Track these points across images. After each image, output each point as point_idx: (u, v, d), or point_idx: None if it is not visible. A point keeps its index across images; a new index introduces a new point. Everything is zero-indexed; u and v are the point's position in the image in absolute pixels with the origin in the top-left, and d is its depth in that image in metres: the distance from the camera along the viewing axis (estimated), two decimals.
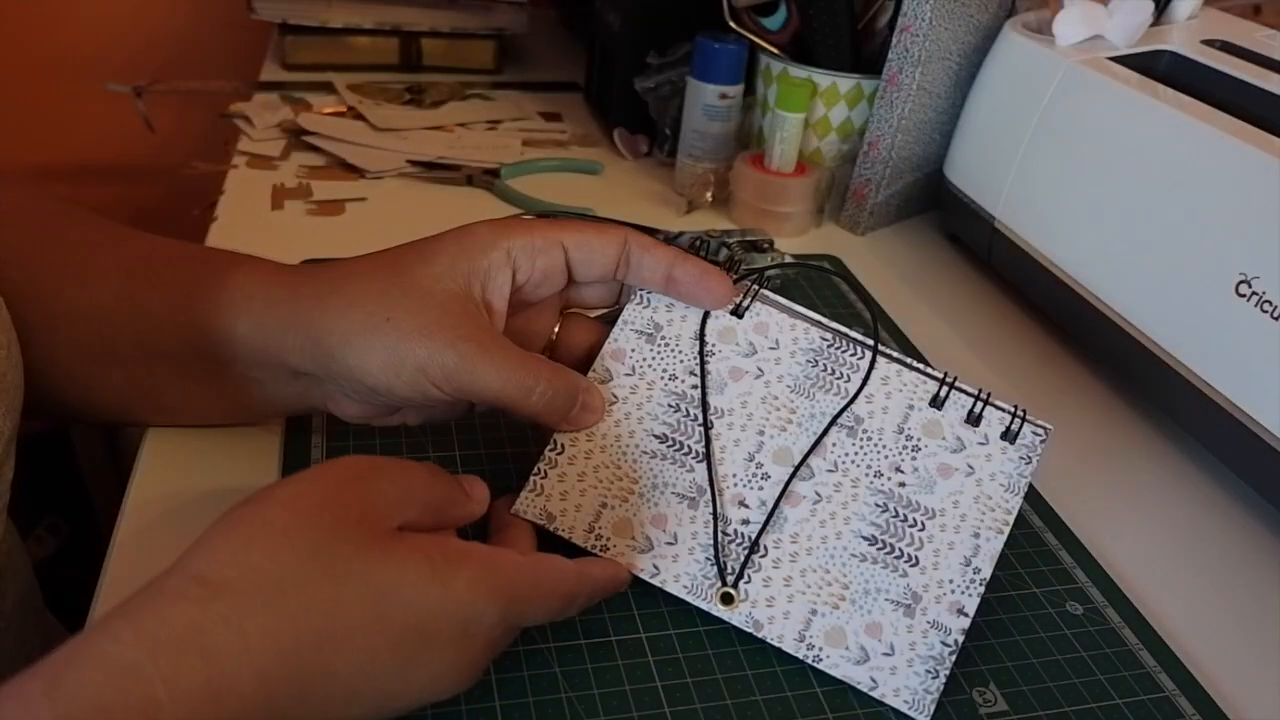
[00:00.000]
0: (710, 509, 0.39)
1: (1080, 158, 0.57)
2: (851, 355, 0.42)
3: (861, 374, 0.41)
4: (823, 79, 0.70)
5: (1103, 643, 0.41)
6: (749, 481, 0.40)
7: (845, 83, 0.70)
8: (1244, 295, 0.47)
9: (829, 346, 0.42)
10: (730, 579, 0.38)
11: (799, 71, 0.70)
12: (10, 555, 0.45)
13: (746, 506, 0.39)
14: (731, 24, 0.71)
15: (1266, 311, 0.46)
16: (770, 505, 0.39)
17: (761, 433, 0.40)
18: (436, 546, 0.31)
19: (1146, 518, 0.50)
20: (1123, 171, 0.55)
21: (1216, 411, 0.49)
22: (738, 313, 0.42)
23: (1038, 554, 0.45)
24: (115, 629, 0.27)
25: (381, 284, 0.38)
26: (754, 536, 0.38)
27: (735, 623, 0.38)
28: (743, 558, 0.38)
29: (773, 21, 0.71)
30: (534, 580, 0.33)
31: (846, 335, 0.42)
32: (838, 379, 0.41)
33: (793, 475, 0.39)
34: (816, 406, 0.41)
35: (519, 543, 0.38)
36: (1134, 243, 0.54)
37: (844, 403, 0.41)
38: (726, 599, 0.38)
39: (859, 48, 0.70)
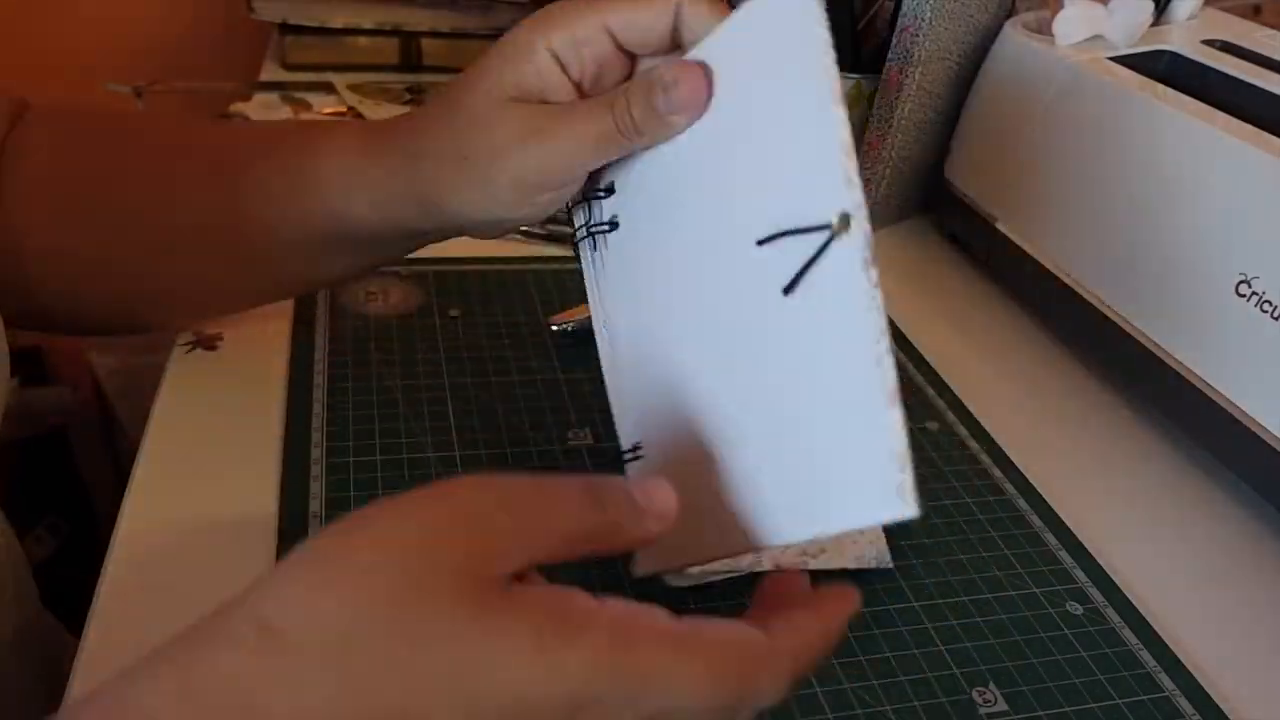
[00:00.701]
0: None
1: (1080, 158, 0.57)
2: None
3: None
4: None
5: (1102, 643, 0.41)
6: None
7: (845, 82, 0.69)
8: (1244, 295, 0.47)
9: None
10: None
11: None
12: (7, 554, 0.45)
13: None
14: None
15: (1266, 312, 0.46)
16: None
17: None
18: (551, 611, 0.24)
19: (1146, 518, 0.50)
20: (1123, 171, 0.55)
21: (1216, 411, 0.49)
22: None
23: (1038, 554, 0.45)
24: (162, 674, 0.23)
25: (445, 129, 0.38)
26: None
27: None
28: None
29: None
30: (679, 658, 0.25)
31: None
32: None
33: None
34: None
35: (789, 611, 0.28)
36: (1134, 243, 0.54)
37: None
38: None
39: (859, 48, 0.70)
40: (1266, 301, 0.46)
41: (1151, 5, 0.61)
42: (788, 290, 0.29)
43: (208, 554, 0.41)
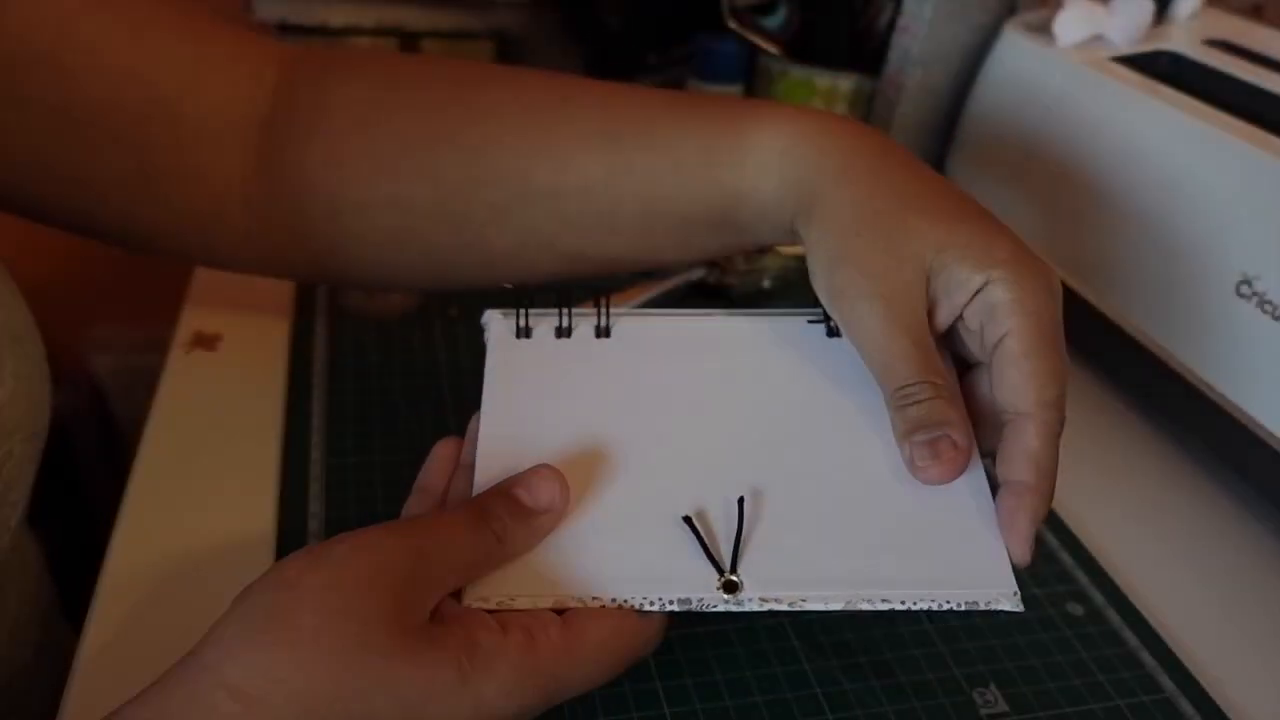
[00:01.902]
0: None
1: (1081, 158, 0.57)
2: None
3: None
4: (823, 79, 0.69)
5: (1103, 644, 0.41)
6: None
7: (845, 83, 0.69)
8: (1244, 296, 0.47)
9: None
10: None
11: (799, 71, 0.70)
12: (25, 566, 0.45)
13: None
14: (731, 24, 0.71)
15: (1267, 312, 0.46)
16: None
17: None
18: (465, 648, 0.28)
19: (1147, 519, 0.50)
20: (1123, 172, 0.55)
21: (1217, 412, 0.49)
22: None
23: (1039, 555, 0.45)
24: None
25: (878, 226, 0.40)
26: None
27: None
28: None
29: (772, 21, 0.71)
30: (575, 660, 0.30)
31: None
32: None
33: None
34: None
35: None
36: (1134, 243, 0.54)
37: None
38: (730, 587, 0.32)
39: (859, 48, 0.70)
40: (1267, 302, 0.46)
41: (1152, 5, 0.61)
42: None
43: (207, 554, 0.41)
